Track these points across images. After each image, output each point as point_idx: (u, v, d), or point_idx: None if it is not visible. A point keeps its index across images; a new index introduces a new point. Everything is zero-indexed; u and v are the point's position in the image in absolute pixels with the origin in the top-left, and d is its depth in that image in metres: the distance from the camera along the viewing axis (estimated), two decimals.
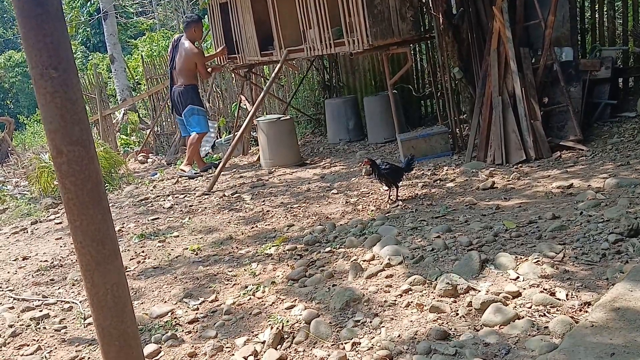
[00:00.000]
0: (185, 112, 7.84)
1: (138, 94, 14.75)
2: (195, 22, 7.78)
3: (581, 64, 6.09)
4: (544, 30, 5.93)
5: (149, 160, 10.72)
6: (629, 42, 6.37)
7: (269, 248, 4.26)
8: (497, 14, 5.89)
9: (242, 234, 4.82)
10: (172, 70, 7.89)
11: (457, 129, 6.71)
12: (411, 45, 7.28)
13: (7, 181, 10.73)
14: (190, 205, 6.05)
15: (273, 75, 7.52)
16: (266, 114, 10.18)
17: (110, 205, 5.84)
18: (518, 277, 2.98)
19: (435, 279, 3.09)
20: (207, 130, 8.20)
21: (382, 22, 6.27)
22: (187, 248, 4.60)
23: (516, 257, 3.21)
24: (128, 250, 4.79)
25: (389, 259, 3.48)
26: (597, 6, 6.51)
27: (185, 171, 7.84)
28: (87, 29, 25.42)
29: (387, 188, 5.19)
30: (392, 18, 6.31)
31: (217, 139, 10.03)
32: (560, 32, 6.12)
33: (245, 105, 8.78)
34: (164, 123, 12.07)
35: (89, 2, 21.73)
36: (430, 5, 6.59)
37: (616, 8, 6.93)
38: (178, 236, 5.01)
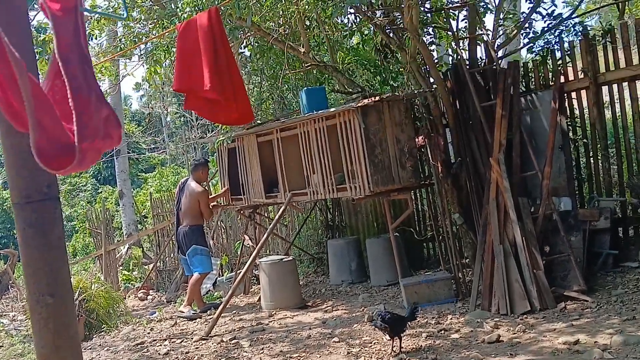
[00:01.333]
0: (189, 251, 7.90)
1: (144, 228, 14.94)
2: (203, 165, 8.12)
3: (580, 214, 6.17)
4: (541, 181, 6.10)
5: (149, 297, 10.59)
6: (626, 193, 6.51)
7: None
8: (494, 165, 6.09)
9: None
10: (178, 211, 8.07)
11: (460, 274, 6.68)
12: (412, 191, 7.46)
13: (4, 315, 10.53)
14: (186, 352, 5.87)
15: (277, 217, 7.65)
16: (269, 251, 10.21)
17: (105, 349, 5.65)
18: None
19: None
20: (209, 270, 8.21)
21: (382, 170, 6.48)
22: None
23: None
24: None
25: None
26: (592, 157, 6.71)
27: (184, 312, 7.72)
28: (99, 162, 26.30)
29: (389, 338, 5.06)
30: (392, 166, 6.54)
31: (219, 276, 9.97)
32: (557, 183, 6.28)
33: (248, 244, 8.84)
34: (167, 259, 12.09)
35: None
36: (429, 154, 6.85)
37: (611, 155, 7.09)
38: None
